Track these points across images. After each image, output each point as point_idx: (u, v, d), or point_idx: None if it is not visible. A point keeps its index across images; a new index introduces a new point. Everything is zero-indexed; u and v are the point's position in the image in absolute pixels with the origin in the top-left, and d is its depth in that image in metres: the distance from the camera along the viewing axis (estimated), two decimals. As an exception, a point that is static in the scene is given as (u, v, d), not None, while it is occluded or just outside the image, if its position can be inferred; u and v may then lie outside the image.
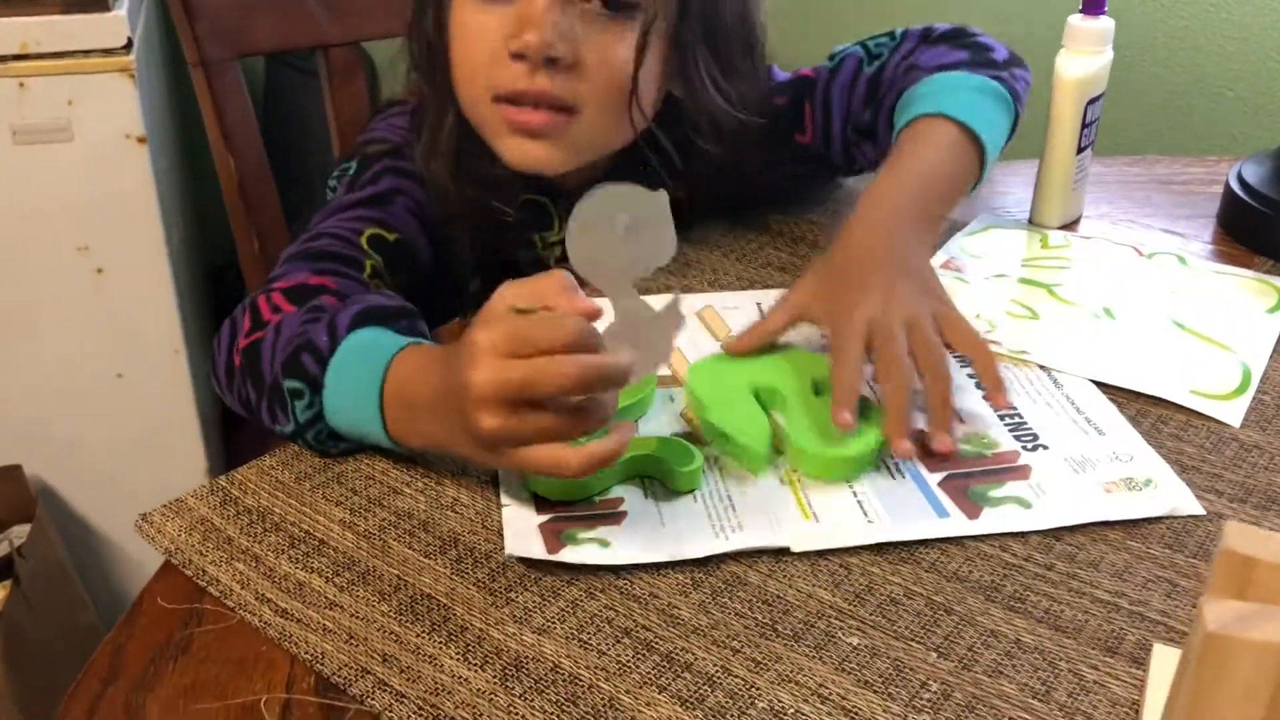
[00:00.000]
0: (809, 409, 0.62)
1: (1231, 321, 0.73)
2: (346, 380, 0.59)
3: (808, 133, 0.85)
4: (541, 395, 0.51)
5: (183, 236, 1.56)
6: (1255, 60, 1.08)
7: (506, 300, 0.53)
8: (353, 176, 0.79)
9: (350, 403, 0.59)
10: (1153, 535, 0.56)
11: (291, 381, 0.60)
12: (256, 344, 0.64)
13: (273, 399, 0.61)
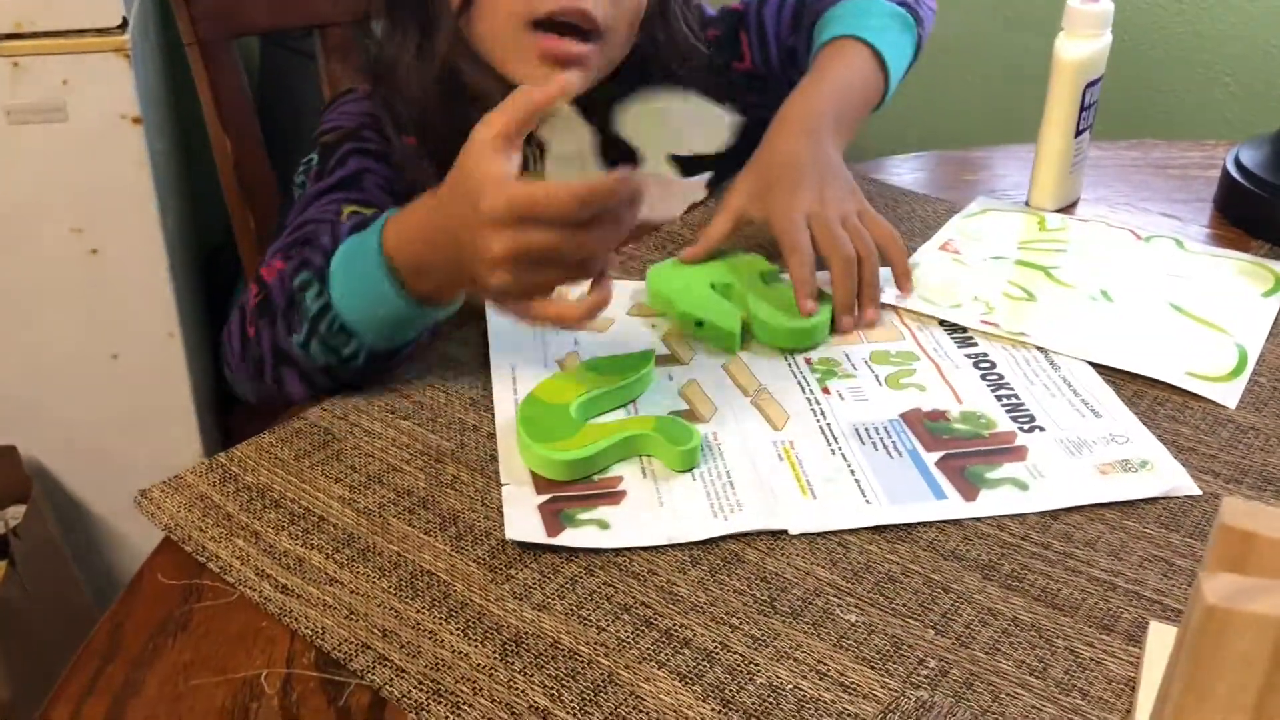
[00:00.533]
0: (764, 294, 0.72)
1: (1228, 304, 0.74)
2: (347, 260, 0.62)
3: (745, 59, 0.89)
4: (547, 215, 0.54)
5: (177, 218, 1.56)
6: (1254, 45, 1.08)
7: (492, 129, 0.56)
8: (318, 167, 0.78)
9: (355, 274, 0.62)
10: (1149, 515, 0.57)
11: (301, 276, 0.63)
12: (266, 296, 0.66)
13: (289, 310, 0.64)
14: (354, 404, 0.64)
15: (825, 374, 0.67)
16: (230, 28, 0.96)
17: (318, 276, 0.62)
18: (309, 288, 0.62)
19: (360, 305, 0.62)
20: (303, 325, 0.63)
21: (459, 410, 0.64)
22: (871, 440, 0.61)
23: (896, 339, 0.70)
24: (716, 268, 0.75)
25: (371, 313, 0.62)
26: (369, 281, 0.61)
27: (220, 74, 0.97)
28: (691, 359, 0.68)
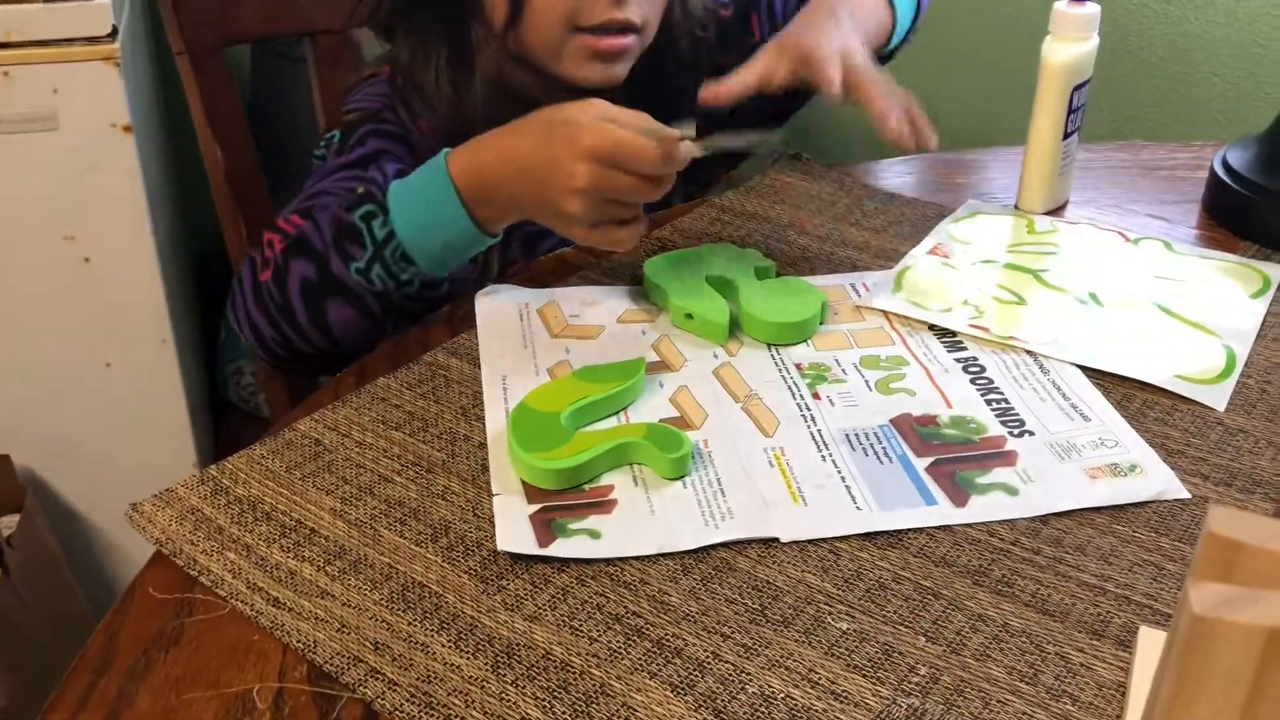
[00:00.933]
0: (756, 289, 0.73)
1: (1216, 306, 0.74)
2: (409, 192, 0.70)
3: (755, 35, 0.92)
4: (635, 163, 0.64)
5: (170, 225, 1.56)
6: (1240, 45, 1.08)
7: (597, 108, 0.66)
8: (339, 143, 0.82)
9: (421, 201, 0.69)
10: (1139, 519, 0.57)
11: (363, 208, 0.70)
12: (299, 235, 0.72)
13: (342, 237, 0.70)
14: (345, 415, 0.64)
15: (815, 379, 0.67)
16: (220, 36, 0.96)
17: (381, 208, 0.70)
18: (374, 218, 0.70)
19: (422, 230, 0.70)
20: (365, 252, 0.70)
21: (450, 420, 0.64)
22: (862, 446, 0.61)
23: (886, 344, 0.70)
24: (713, 261, 0.76)
25: (433, 238, 0.70)
26: (437, 206, 0.69)
27: (210, 82, 0.97)
28: (682, 365, 0.68)
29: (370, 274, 0.70)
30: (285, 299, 0.73)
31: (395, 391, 0.66)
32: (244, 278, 0.76)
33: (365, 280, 0.71)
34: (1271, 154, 0.84)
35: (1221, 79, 1.10)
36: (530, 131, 0.69)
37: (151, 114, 1.52)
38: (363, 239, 0.70)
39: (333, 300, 0.72)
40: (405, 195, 0.70)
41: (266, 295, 0.74)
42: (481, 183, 0.69)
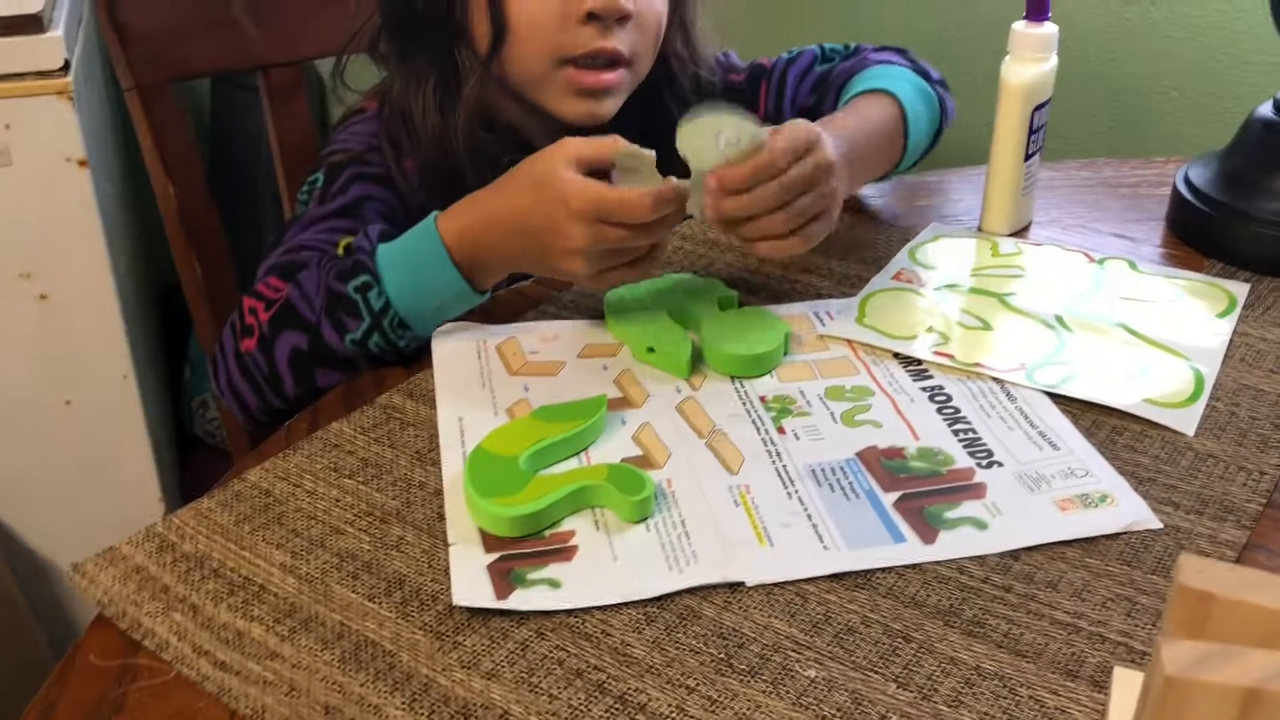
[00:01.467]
0: (719, 321, 0.72)
1: (1183, 327, 0.73)
2: (401, 258, 0.70)
3: (760, 109, 0.91)
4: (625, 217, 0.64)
5: (130, 258, 1.53)
6: (1199, 60, 1.08)
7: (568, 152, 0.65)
8: (321, 188, 0.81)
9: (414, 269, 0.69)
10: (1111, 551, 0.56)
11: (357, 279, 0.69)
12: (285, 304, 0.71)
13: (335, 308, 0.70)
14: (296, 463, 0.63)
15: (780, 412, 0.66)
16: (169, 72, 0.94)
17: (374, 278, 0.69)
18: (370, 289, 0.69)
19: (416, 295, 0.69)
20: (361, 324, 0.69)
21: (405, 466, 0.62)
22: (828, 481, 0.60)
23: (851, 373, 0.69)
24: (674, 293, 0.75)
25: (428, 303, 0.70)
26: (431, 273, 0.69)
27: (162, 119, 0.95)
28: (645, 401, 0.67)
29: (368, 343, 0.70)
30: (273, 369, 0.72)
31: (348, 437, 0.65)
32: (225, 346, 0.75)
33: (361, 349, 0.70)
34: (1232, 171, 0.83)
35: (1181, 93, 1.10)
36: (518, 192, 0.68)
37: (107, 146, 1.50)
38: (358, 310, 0.69)
39: (323, 369, 0.71)
40: (398, 263, 0.70)
41: (251, 364, 0.73)
42: (475, 247, 0.69)
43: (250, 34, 0.98)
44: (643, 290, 0.75)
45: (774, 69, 0.92)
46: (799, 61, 0.91)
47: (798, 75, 0.91)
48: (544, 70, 0.78)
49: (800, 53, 0.92)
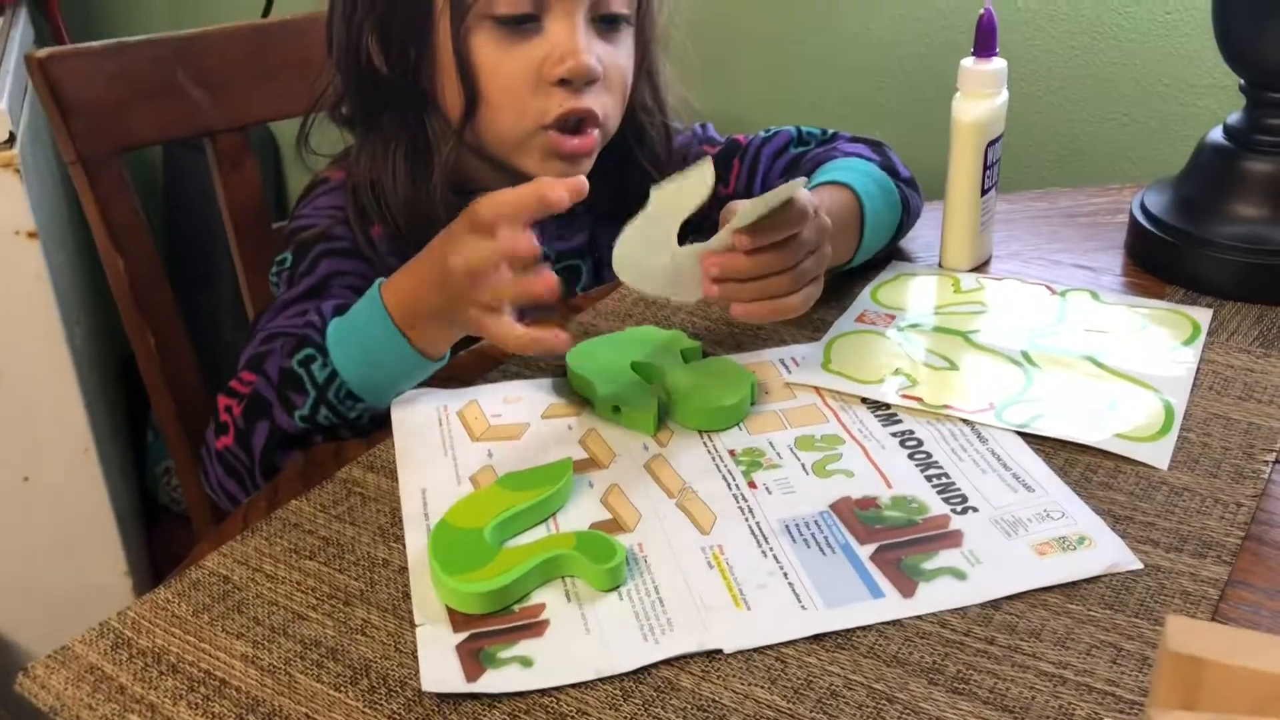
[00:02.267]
0: (683, 374, 0.70)
1: (1149, 357, 0.73)
2: (346, 328, 0.69)
3: (730, 185, 0.91)
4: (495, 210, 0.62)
5: (87, 328, 1.50)
6: (1145, 85, 1.09)
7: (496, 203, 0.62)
8: (290, 269, 0.81)
9: (358, 337, 0.68)
10: (1092, 595, 0.55)
11: (301, 352, 0.68)
12: (253, 394, 0.71)
13: (284, 386, 0.69)
14: (255, 546, 0.61)
15: (750, 465, 0.65)
16: (114, 143, 0.93)
17: (319, 351, 0.68)
18: (313, 361, 0.68)
19: (365, 365, 0.68)
20: (307, 398, 0.68)
21: (367, 544, 0.60)
22: (803, 537, 0.59)
23: (820, 422, 0.68)
24: (637, 346, 0.74)
25: (375, 372, 0.68)
26: (374, 339, 0.68)
27: (108, 191, 0.93)
28: (612, 461, 0.66)
29: (316, 417, 0.69)
30: (252, 460, 0.72)
31: (308, 515, 0.63)
32: (209, 445, 0.74)
33: (311, 425, 0.69)
34: (1187, 197, 0.83)
35: (1131, 118, 1.11)
36: (437, 241, 0.67)
37: (59, 216, 1.48)
38: (303, 384, 0.68)
39: (283, 453, 0.71)
40: (343, 333, 0.69)
41: (233, 460, 0.72)
42: (412, 307, 0.67)
43: (195, 100, 0.97)
44: (605, 345, 0.74)
45: (749, 146, 0.92)
46: (774, 141, 0.92)
47: (771, 154, 0.91)
48: (521, 135, 0.80)
49: (777, 132, 0.92)
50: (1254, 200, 0.80)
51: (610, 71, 0.80)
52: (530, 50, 0.77)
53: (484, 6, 0.76)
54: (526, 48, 0.77)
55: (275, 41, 1.01)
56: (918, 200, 0.88)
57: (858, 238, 0.80)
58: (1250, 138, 0.81)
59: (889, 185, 0.83)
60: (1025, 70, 1.15)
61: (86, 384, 1.40)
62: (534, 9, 0.77)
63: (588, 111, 0.79)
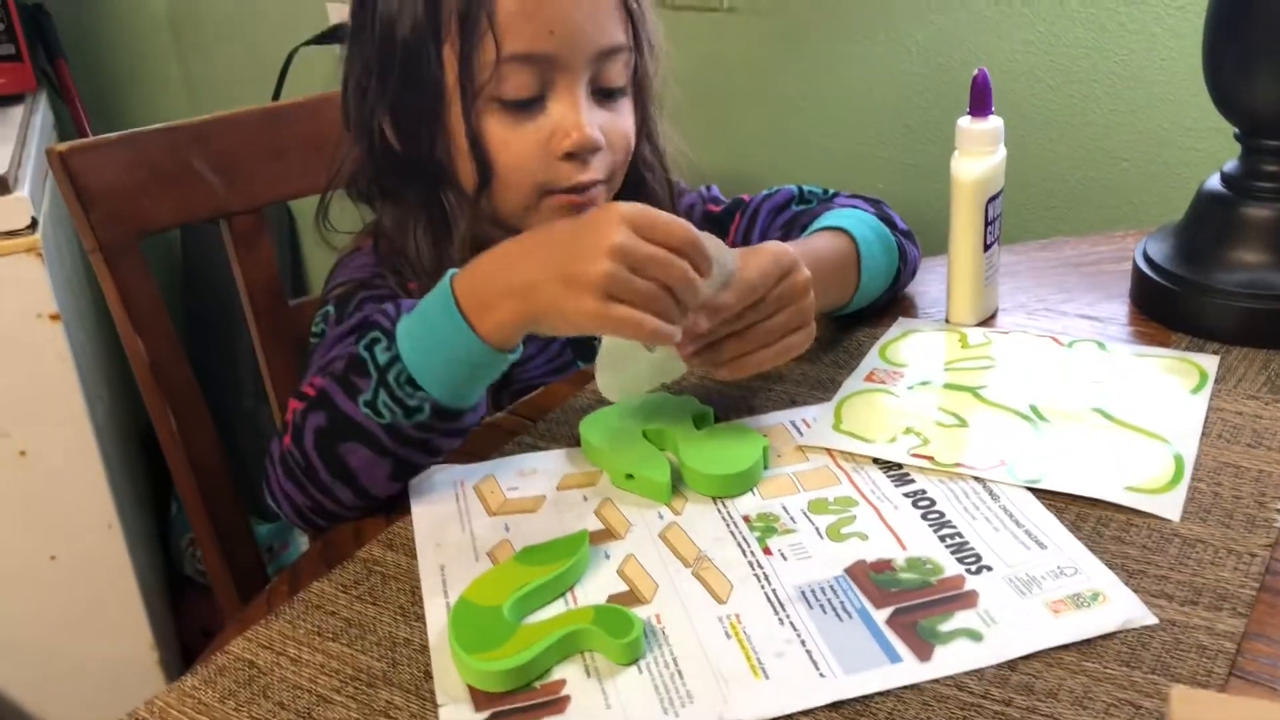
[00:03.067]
0: (695, 440, 0.71)
1: (1158, 407, 0.73)
2: (413, 316, 0.68)
3: (729, 237, 0.94)
4: (655, 275, 0.63)
5: (109, 405, 1.53)
6: (1143, 131, 1.10)
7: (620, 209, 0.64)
8: (335, 315, 0.83)
9: (423, 322, 0.67)
10: (1108, 653, 0.55)
11: (367, 336, 0.68)
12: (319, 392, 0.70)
13: (349, 371, 0.68)
14: (279, 629, 0.61)
15: (765, 531, 0.65)
16: (132, 230, 0.95)
17: (385, 335, 0.68)
18: (377, 344, 0.68)
19: (427, 350, 0.67)
20: (370, 381, 0.67)
21: (389, 623, 0.61)
22: (819, 602, 0.59)
23: (833, 484, 0.69)
24: (649, 414, 0.75)
25: (435, 357, 0.67)
26: (437, 322, 0.67)
27: (127, 277, 0.95)
28: (628, 531, 0.66)
29: (377, 404, 0.67)
30: (305, 457, 0.69)
31: (330, 596, 0.64)
32: (273, 452, 0.73)
33: (374, 413, 0.67)
34: (1188, 245, 0.84)
35: (1131, 164, 1.12)
36: (547, 227, 0.69)
37: (81, 296, 1.51)
38: (366, 367, 0.67)
39: (346, 444, 0.68)
40: (410, 318, 0.69)
41: (291, 461, 0.70)
42: (485, 289, 0.66)
43: (211, 184, 0.99)
44: (617, 413, 0.75)
45: (750, 203, 0.94)
46: (775, 197, 0.94)
47: (771, 210, 0.93)
48: (528, 202, 0.83)
49: (779, 190, 0.94)
50: (1255, 246, 0.81)
51: (613, 137, 0.83)
52: (536, 128, 0.80)
53: (492, 90, 0.79)
54: (533, 125, 0.80)
55: (286, 123, 1.04)
56: (915, 252, 0.90)
57: (855, 280, 0.83)
58: (1247, 184, 0.82)
59: (885, 233, 0.85)
60: (1024, 120, 1.16)
61: (110, 460, 1.42)
62: (539, 90, 0.80)
63: (593, 182, 0.82)
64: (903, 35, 1.22)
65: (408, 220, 0.85)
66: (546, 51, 0.78)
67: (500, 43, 0.77)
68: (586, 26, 0.79)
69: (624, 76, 0.83)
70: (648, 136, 0.90)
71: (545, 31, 0.78)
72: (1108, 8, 1.09)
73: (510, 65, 0.78)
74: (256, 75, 1.78)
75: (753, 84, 1.34)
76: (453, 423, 0.69)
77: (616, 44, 0.81)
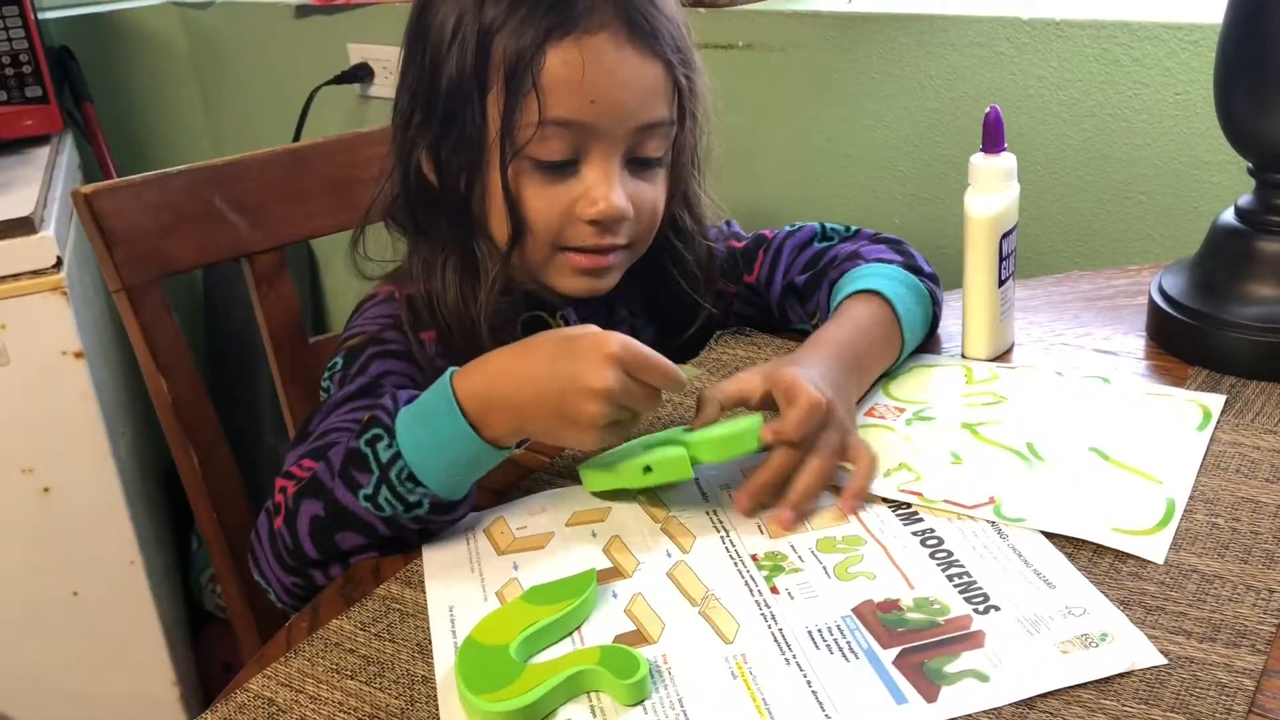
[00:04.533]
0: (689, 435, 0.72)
1: (1156, 447, 0.72)
2: (415, 413, 0.70)
3: (754, 274, 0.95)
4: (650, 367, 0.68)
5: (131, 442, 1.54)
6: (1158, 165, 1.10)
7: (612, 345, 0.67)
8: (342, 371, 0.83)
9: (425, 421, 0.69)
10: (1126, 690, 0.54)
11: (369, 433, 0.70)
12: (312, 477, 0.72)
13: (349, 465, 0.70)
14: (298, 667, 0.62)
15: (773, 570, 0.65)
16: (156, 270, 0.96)
17: (387, 432, 0.69)
18: (379, 441, 0.69)
19: (428, 451, 0.68)
20: (371, 477, 0.68)
21: (406, 660, 0.61)
22: (826, 643, 0.59)
23: (841, 522, 0.69)
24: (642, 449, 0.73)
25: (438, 457, 0.68)
26: (440, 423, 0.69)
27: (151, 317, 0.96)
28: (635, 570, 0.66)
29: (378, 498, 0.69)
30: (298, 544, 0.71)
31: (348, 634, 0.64)
32: (260, 531, 0.75)
33: (373, 507, 0.69)
34: (1203, 279, 0.84)
35: (1148, 196, 1.12)
36: (542, 348, 0.70)
37: (105, 334, 1.53)
38: (368, 463, 0.69)
39: (342, 533, 0.70)
40: (411, 417, 0.70)
41: (281, 545, 0.72)
42: (486, 399, 0.69)
43: (233, 224, 1.01)
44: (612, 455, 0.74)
45: (774, 240, 0.95)
46: (798, 235, 0.94)
47: (794, 248, 0.93)
48: (546, 256, 0.83)
49: (801, 227, 0.95)
50: (1270, 280, 0.81)
51: (641, 207, 0.82)
52: (566, 191, 0.80)
53: (530, 151, 0.79)
54: (563, 188, 0.80)
55: (307, 164, 1.05)
56: (941, 294, 0.90)
57: (899, 342, 0.83)
58: (1261, 219, 0.81)
59: (916, 283, 0.85)
60: (1038, 155, 1.16)
61: (132, 497, 1.43)
62: (573, 155, 0.79)
63: (613, 247, 0.82)
64: (918, 71, 1.22)
65: (437, 257, 0.85)
66: (586, 120, 0.78)
67: (543, 106, 0.77)
68: (630, 102, 0.79)
69: (662, 149, 0.83)
70: (685, 203, 0.90)
71: (587, 101, 0.77)
72: (1121, 43, 1.09)
73: (550, 129, 0.78)
74: (278, 115, 1.81)
75: (768, 120, 1.35)
76: (449, 514, 0.71)
77: (658, 119, 0.81)
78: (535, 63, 0.77)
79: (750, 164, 1.38)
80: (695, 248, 0.91)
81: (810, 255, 0.92)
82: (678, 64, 0.81)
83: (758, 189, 1.38)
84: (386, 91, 1.71)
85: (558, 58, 0.77)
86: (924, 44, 1.21)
